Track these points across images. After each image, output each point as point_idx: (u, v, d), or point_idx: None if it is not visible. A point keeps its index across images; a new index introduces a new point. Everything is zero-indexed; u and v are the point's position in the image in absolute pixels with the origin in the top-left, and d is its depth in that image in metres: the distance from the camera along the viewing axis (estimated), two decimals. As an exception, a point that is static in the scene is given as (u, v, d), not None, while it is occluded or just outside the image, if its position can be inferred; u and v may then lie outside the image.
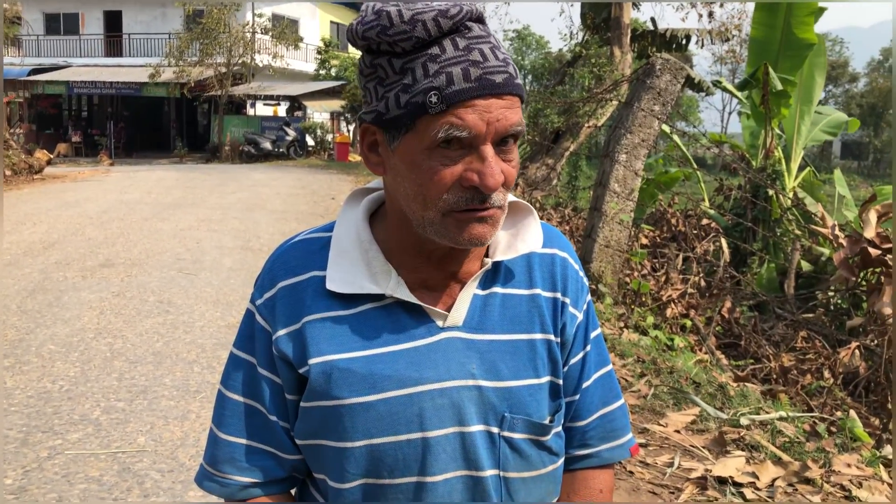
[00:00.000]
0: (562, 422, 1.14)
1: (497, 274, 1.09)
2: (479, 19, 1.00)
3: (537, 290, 1.10)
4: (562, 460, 1.14)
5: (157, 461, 3.25)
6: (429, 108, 0.93)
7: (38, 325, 5.28)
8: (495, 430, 1.05)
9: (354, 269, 1.05)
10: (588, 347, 1.15)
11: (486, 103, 0.94)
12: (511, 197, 1.09)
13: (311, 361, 1.03)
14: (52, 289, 6.32)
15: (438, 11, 0.94)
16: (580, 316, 1.14)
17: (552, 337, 1.10)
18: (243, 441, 1.09)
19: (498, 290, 1.08)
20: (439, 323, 1.05)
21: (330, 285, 1.04)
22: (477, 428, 1.04)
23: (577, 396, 1.15)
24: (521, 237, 1.09)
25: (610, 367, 1.20)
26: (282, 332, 1.05)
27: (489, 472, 1.05)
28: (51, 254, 7.85)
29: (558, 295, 1.11)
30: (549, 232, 1.16)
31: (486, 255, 1.09)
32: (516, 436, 1.06)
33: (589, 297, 1.17)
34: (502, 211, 1.00)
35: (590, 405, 1.17)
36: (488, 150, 0.94)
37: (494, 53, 0.96)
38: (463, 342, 1.05)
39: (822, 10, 7.67)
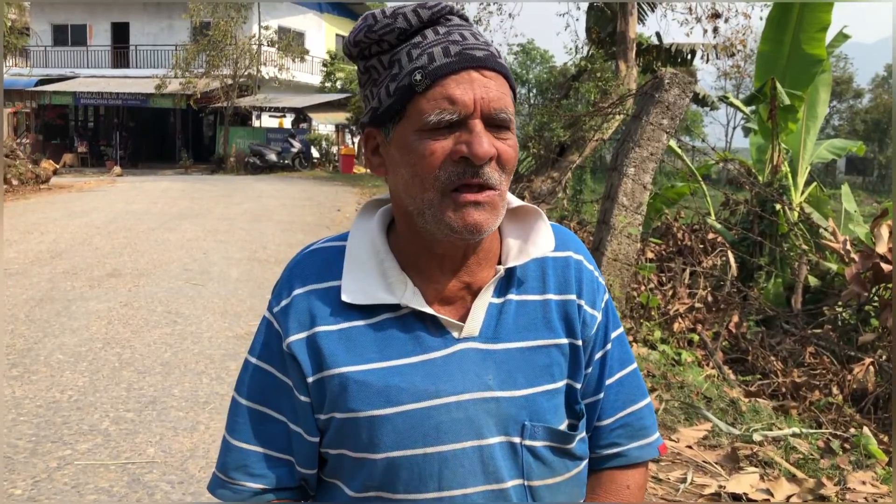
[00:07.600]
0: (585, 428, 1.12)
1: (511, 281, 1.08)
2: (461, 15, 1.03)
3: (549, 296, 1.09)
4: (585, 462, 1.13)
5: (167, 472, 3.24)
6: (415, 86, 0.96)
7: (46, 334, 5.28)
8: (517, 439, 1.04)
9: (369, 279, 1.04)
10: (609, 346, 1.14)
11: (469, 77, 0.96)
12: (518, 201, 1.10)
13: (327, 373, 1.02)
14: (59, 298, 6.32)
15: (418, 4, 1.00)
16: (599, 316, 1.13)
17: (567, 340, 1.09)
18: (255, 448, 1.08)
19: (513, 297, 1.07)
20: (455, 334, 1.04)
21: (345, 297, 1.03)
22: (496, 440, 1.03)
23: (601, 395, 1.14)
24: (532, 241, 1.08)
25: (634, 365, 1.19)
26: (294, 338, 1.04)
27: (511, 484, 1.03)
28: (58, 263, 7.86)
29: (573, 297, 1.10)
30: (562, 234, 1.14)
31: (499, 263, 1.08)
32: (538, 444, 1.05)
33: (608, 297, 1.16)
34: (500, 196, 1.00)
35: (615, 403, 1.15)
36: (477, 123, 0.96)
37: (475, 36, 1.00)
38: (479, 353, 1.04)
39: (845, 36, 7.75)
